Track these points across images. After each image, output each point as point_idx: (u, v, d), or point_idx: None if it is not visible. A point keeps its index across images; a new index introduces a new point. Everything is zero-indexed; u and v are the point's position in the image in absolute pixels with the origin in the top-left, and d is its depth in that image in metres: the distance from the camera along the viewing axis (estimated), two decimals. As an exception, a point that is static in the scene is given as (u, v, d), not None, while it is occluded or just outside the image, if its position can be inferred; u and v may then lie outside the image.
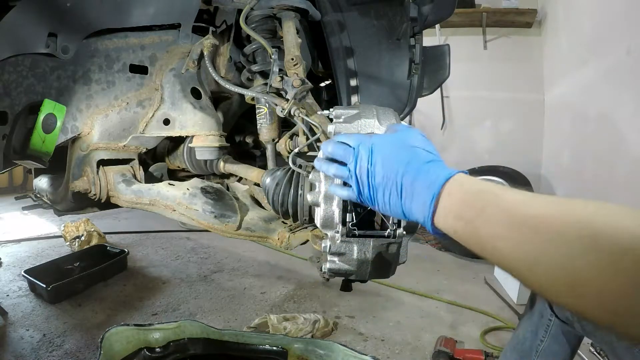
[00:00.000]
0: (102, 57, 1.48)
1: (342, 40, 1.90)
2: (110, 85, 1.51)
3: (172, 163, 1.95)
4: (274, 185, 1.32)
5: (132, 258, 3.41)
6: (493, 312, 2.67)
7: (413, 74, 2.09)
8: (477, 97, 4.88)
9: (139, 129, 1.57)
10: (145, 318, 2.49)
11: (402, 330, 2.44)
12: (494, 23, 4.74)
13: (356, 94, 1.96)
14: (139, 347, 1.75)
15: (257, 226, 1.50)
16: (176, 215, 1.54)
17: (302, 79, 1.33)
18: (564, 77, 4.13)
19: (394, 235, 0.95)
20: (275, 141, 1.54)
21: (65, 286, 2.68)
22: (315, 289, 2.92)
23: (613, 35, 3.03)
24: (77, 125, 1.47)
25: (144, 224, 4.41)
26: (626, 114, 2.79)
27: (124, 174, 1.63)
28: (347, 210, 0.94)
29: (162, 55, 1.60)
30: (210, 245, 3.89)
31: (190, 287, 2.96)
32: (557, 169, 4.17)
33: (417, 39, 2.07)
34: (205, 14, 1.73)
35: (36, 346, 2.13)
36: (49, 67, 1.38)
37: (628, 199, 2.68)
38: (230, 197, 1.56)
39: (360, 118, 1.01)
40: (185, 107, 1.59)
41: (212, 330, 1.83)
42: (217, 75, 1.52)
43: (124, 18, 1.43)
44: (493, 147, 4.86)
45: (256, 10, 1.52)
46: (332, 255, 0.98)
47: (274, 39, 1.56)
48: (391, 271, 1.05)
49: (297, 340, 1.82)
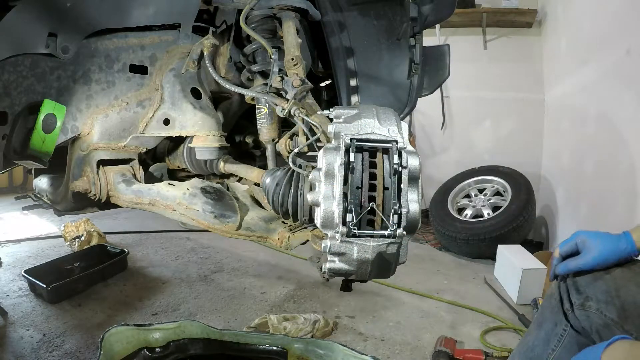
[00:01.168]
0: (102, 57, 1.48)
1: (342, 40, 1.90)
2: (111, 85, 1.51)
3: (172, 163, 1.95)
4: (274, 185, 1.32)
5: (132, 258, 3.41)
6: (493, 312, 2.68)
7: (413, 74, 2.09)
8: (477, 97, 4.88)
9: (139, 129, 1.57)
10: (146, 318, 2.49)
11: (402, 330, 2.44)
12: (494, 23, 4.73)
13: (356, 94, 1.97)
14: (139, 347, 1.74)
15: (257, 226, 1.50)
16: (176, 215, 1.54)
17: (302, 79, 1.33)
18: (564, 77, 4.12)
19: (394, 235, 0.94)
20: (275, 141, 1.54)
21: (65, 286, 2.68)
22: (316, 289, 2.93)
23: (613, 35, 3.02)
24: (77, 125, 1.47)
25: (144, 224, 4.41)
26: (626, 114, 2.78)
27: (124, 174, 1.63)
28: (347, 210, 0.94)
29: (162, 55, 1.60)
30: (210, 245, 3.89)
31: (190, 287, 2.96)
32: (557, 169, 4.17)
33: (417, 39, 2.07)
34: (205, 14, 1.73)
35: (36, 346, 2.13)
36: (49, 67, 1.38)
37: (628, 200, 2.68)
38: (230, 197, 1.56)
39: (360, 118, 1.01)
40: (185, 107, 1.59)
41: (212, 330, 1.83)
42: (217, 75, 1.52)
43: (124, 18, 1.43)
44: (493, 147, 4.86)
45: (256, 10, 1.52)
46: (332, 255, 0.98)
47: (274, 39, 1.56)
48: (391, 271, 1.05)
49: (297, 340, 1.82)
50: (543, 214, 4.25)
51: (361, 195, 0.96)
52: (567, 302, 1.25)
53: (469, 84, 4.82)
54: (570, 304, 1.23)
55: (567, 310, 1.24)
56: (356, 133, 0.99)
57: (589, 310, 1.18)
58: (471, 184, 4.30)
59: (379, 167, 0.98)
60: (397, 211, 0.94)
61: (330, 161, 0.97)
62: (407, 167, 0.97)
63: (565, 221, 3.80)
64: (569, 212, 3.75)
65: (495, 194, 4.13)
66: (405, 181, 0.96)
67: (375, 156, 0.99)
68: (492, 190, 4.16)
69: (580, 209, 3.48)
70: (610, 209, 2.91)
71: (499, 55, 4.79)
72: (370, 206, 0.95)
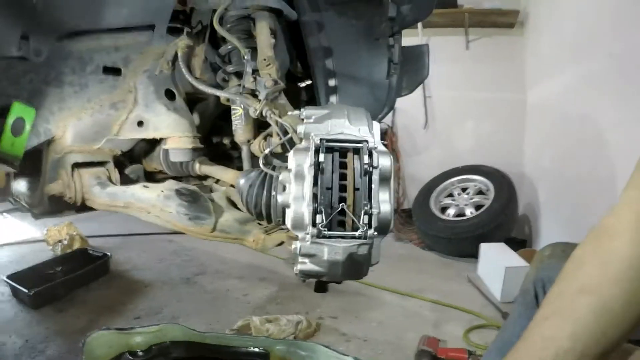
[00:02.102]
0: (75, 60, 1.46)
1: (321, 40, 1.89)
2: (83, 88, 1.49)
3: (149, 165, 1.93)
4: (248, 187, 1.31)
5: (115, 261, 3.38)
6: (476, 310, 2.69)
7: (392, 74, 2.09)
8: (459, 97, 4.89)
9: (113, 131, 1.56)
10: (128, 322, 2.47)
11: (385, 330, 2.44)
12: (477, 24, 4.75)
13: (335, 94, 1.96)
14: (121, 351, 1.73)
15: (232, 228, 1.49)
16: (151, 217, 1.53)
17: (274, 79, 1.33)
18: (545, 78, 4.15)
19: (365, 236, 0.94)
20: (250, 142, 1.53)
21: (47, 291, 2.65)
22: (298, 290, 2.92)
23: (595, 37, 3.05)
24: (49, 128, 1.45)
25: (127, 227, 4.36)
26: (607, 115, 2.81)
27: (99, 176, 1.61)
28: (317, 211, 0.93)
29: (136, 56, 1.58)
30: (193, 247, 3.86)
31: (173, 289, 2.94)
32: (539, 168, 4.20)
33: (396, 39, 2.07)
34: (181, 15, 1.72)
35: (18, 352, 2.11)
36: (21, 70, 1.36)
37: (608, 199, 2.70)
38: (205, 199, 1.55)
39: (331, 118, 1.01)
40: (159, 108, 1.58)
41: (194, 333, 1.81)
42: (190, 76, 1.51)
43: (97, 19, 1.42)
44: (475, 147, 4.87)
45: (231, 11, 1.51)
46: (303, 257, 0.98)
47: (249, 39, 1.55)
48: (363, 272, 1.04)
49: (279, 342, 1.81)
50: (526, 212, 4.28)
51: (331, 196, 0.95)
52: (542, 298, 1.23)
53: (451, 84, 4.84)
54: None
55: None
56: (326, 133, 0.99)
57: None
58: (454, 183, 4.32)
59: (349, 167, 0.97)
60: (368, 212, 0.94)
61: (300, 162, 0.96)
62: (378, 167, 0.96)
63: (547, 219, 3.83)
64: (551, 209, 3.79)
65: (478, 192, 4.15)
66: (376, 181, 0.96)
67: (345, 156, 0.99)
68: (475, 189, 4.18)
69: (562, 207, 3.52)
70: (592, 207, 2.94)
71: (481, 55, 4.81)
72: (340, 207, 0.95)
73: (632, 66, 2.57)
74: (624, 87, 2.65)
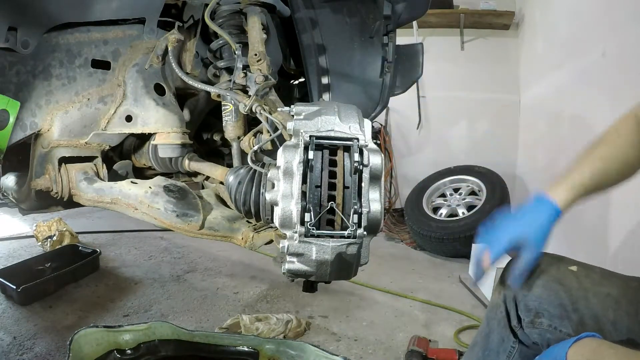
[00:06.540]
0: (63, 52, 1.44)
1: (314, 38, 1.88)
2: (71, 81, 1.47)
3: (139, 161, 1.91)
4: (237, 184, 1.29)
5: (105, 258, 3.34)
6: (467, 310, 2.67)
7: (385, 73, 2.08)
8: (453, 97, 4.90)
9: (101, 125, 1.53)
10: (117, 319, 2.44)
11: (375, 329, 2.43)
12: (472, 24, 4.76)
13: (328, 91, 1.94)
14: (109, 349, 1.71)
15: (220, 225, 1.47)
16: (138, 214, 1.51)
17: (265, 75, 1.31)
18: (539, 78, 4.16)
19: (354, 235, 0.92)
20: (240, 139, 1.51)
21: (35, 287, 2.61)
22: (289, 289, 2.90)
23: (589, 37, 3.05)
24: (36, 122, 1.43)
25: (118, 224, 4.33)
26: (601, 115, 2.81)
27: (86, 172, 1.59)
28: (306, 210, 0.91)
29: (126, 50, 1.56)
30: (184, 244, 3.83)
31: (163, 287, 2.92)
32: (532, 169, 4.21)
33: (390, 37, 2.06)
34: (173, 9, 1.70)
35: (6, 349, 2.08)
36: (8, 62, 1.34)
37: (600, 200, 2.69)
38: (194, 196, 1.53)
39: (321, 115, 0.99)
40: (148, 103, 1.55)
41: (183, 332, 1.80)
42: (180, 71, 1.50)
43: (86, 12, 1.40)
44: (469, 147, 4.88)
45: (223, 5, 1.50)
46: (291, 256, 0.96)
47: (241, 34, 1.54)
48: (352, 272, 1.02)
49: (268, 341, 1.80)
50: (518, 213, 4.27)
51: (320, 194, 0.94)
52: (514, 319, 1.15)
53: (445, 84, 4.84)
54: (518, 319, 1.14)
55: (515, 327, 1.15)
56: (316, 130, 0.97)
57: (540, 327, 1.10)
58: (446, 183, 4.30)
59: (339, 165, 0.95)
60: (358, 211, 0.92)
61: (289, 159, 0.94)
62: (369, 166, 0.95)
63: (539, 220, 3.82)
64: (543, 211, 3.78)
65: (470, 193, 4.14)
66: (366, 180, 0.94)
67: (335, 154, 0.97)
68: (467, 189, 4.17)
69: (554, 209, 3.50)
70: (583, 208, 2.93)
71: (476, 56, 4.82)
72: (329, 205, 0.93)
73: (625, 66, 2.57)
74: (617, 87, 2.65)
